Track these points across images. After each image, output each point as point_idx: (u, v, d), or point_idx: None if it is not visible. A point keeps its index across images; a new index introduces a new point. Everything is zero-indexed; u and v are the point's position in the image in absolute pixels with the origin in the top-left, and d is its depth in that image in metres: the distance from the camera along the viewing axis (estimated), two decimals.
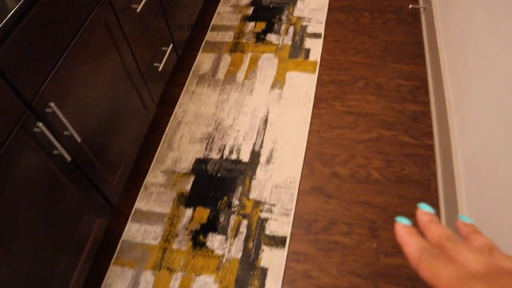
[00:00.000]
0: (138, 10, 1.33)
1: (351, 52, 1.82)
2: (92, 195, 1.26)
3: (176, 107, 1.73)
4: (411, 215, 1.36)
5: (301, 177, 1.49)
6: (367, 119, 1.61)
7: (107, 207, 1.36)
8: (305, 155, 1.55)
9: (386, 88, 1.69)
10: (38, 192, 1.03)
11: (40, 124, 0.96)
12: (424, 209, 0.34)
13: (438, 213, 1.37)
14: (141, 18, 1.42)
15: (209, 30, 1.99)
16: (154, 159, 1.60)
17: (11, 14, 0.85)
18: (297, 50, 1.85)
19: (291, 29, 1.93)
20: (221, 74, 1.81)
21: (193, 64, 1.87)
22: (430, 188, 1.43)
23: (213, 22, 2.01)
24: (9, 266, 0.96)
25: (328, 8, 2.00)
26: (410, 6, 1.80)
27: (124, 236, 1.44)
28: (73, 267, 1.23)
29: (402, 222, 0.33)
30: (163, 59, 1.56)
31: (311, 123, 1.63)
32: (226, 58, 1.86)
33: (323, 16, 1.96)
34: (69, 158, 1.06)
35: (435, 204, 1.39)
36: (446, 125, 1.43)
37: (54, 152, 1.05)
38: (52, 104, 0.99)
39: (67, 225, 1.17)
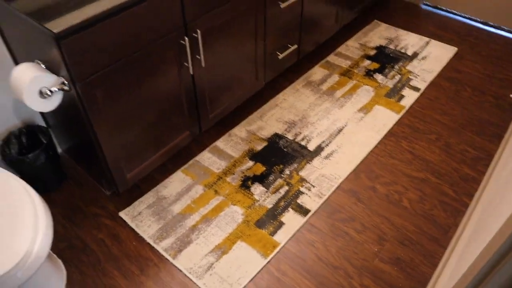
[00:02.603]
0: (282, 6, 1.80)
1: (438, 111, 2.05)
2: (192, 114, 1.71)
3: (280, 94, 2.14)
4: (419, 244, 1.55)
5: (345, 178, 1.77)
6: (422, 163, 1.83)
7: (196, 129, 1.81)
8: (357, 165, 1.82)
9: (453, 148, 1.89)
10: (162, 92, 1.50)
11: (186, 39, 1.44)
12: None
13: (442, 254, 1.53)
14: (282, 14, 1.87)
15: (333, 53, 2.39)
16: (246, 120, 2.02)
17: None
18: (394, 93, 2.14)
19: (397, 77, 2.24)
20: (325, 86, 2.18)
21: (306, 71, 2.28)
22: (447, 233, 1.60)
23: (339, 49, 2.42)
24: (117, 138, 1.44)
25: (438, 74, 2.26)
26: (511, 95, 1.98)
27: (197, 157, 1.86)
28: (152, 154, 1.66)
29: None
30: (284, 52, 2.00)
31: (375, 146, 1.90)
32: (335, 77, 2.23)
33: (430, 77, 2.23)
34: (192, 72, 1.52)
35: (443, 246, 1.56)
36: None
37: (185, 63, 1.52)
38: (198, 32, 1.47)
39: (166, 126, 1.62)
